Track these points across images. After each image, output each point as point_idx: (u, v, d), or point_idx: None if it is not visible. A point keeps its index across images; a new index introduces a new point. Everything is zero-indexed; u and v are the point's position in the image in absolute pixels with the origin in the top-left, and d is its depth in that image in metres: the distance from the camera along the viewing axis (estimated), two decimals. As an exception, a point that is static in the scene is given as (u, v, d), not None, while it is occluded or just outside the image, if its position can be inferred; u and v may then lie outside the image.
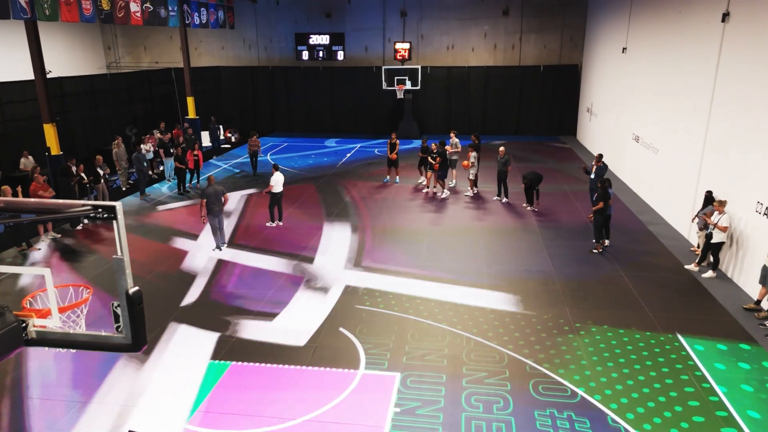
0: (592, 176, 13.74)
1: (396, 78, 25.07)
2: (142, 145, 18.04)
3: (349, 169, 20.16)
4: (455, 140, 16.81)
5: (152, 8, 18.72)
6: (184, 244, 12.84)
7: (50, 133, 14.63)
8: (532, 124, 26.78)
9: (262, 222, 14.16)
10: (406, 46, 25.35)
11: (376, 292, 10.19)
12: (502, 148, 15.75)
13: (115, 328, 3.44)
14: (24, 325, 3.46)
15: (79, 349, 3.43)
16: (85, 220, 14.25)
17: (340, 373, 7.74)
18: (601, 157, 14.00)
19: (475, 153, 16.06)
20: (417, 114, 26.83)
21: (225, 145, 24.81)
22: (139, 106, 23.49)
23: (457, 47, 26.42)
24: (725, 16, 11.27)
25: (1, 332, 3.24)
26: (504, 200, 15.80)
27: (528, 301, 9.83)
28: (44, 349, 7.47)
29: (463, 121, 26.85)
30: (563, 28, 25.44)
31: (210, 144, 23.66)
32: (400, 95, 25.41)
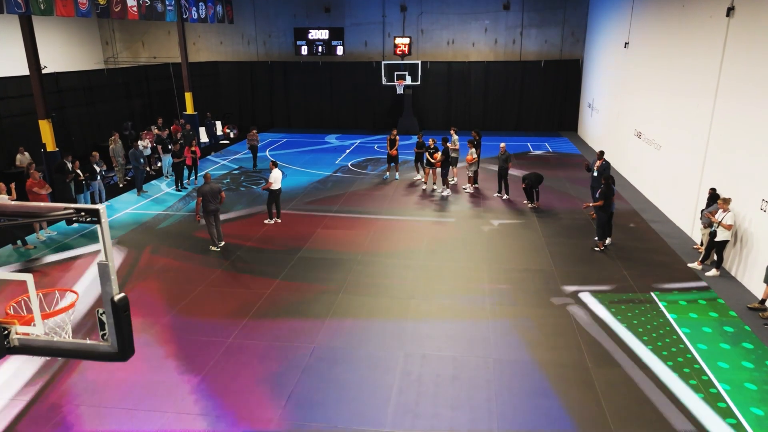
0: (595, 174, 13.52)
1: (396, 73, 24.86)
2: (139, 142, 17.86)
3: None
4: (455, 137, 16.64)
5: (149, 3, 18.52)
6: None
7: (46, 129, 14.47)
8: (532, 119, 26.60)
9: (260, 219, 14.03)
10: (406, 41, 25.13)
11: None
12: (502, 145, 15.61)
13: (100, 336, 3.30)
14: (6, 332, 3.32)
15: (64, 357, 3.26)
16: (82, 218, 14.10)
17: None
18: (602, 154, 13.81)
19: (474, 149, 15.95)
20: (417, 109, 26.64)
21: (223, 141, 24.63)
22: (137, 101, 23.30)
23: (457, 42, 26.21)
24: (730, 10, 11.09)
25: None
26: (504, 197, 15.65)
27: (527, 299, 9.70)
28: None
29: (464, 117, 26.66)
30: (564, 22, 25.22)
31: (207, 140, 23.47)
32: (399, 90, 25.21)
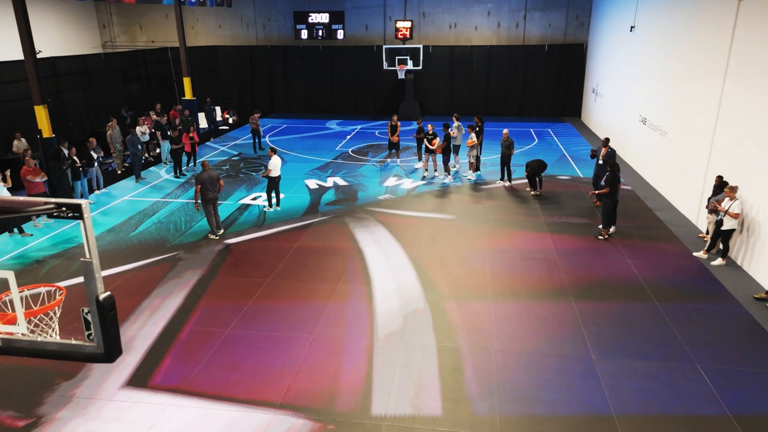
0: (600, 162, 13.27)
1: (397, 57, 24.49)
2: (137, 127, 17.64)
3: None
4: (457, 123, 16.38)
5: (146, -15, 18.16)
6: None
7: (41, 115, 14.23)
8: (535, 105, 26.28)
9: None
10: (408, 24, 24.72)
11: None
12: (505, 131, 15.38)
13: (86, 336, 3.15)
14: (-13, 332, 3.18)
15: (49, 359, 3.12)
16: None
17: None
18: (608, 141, 13.57)
19: (475, 135, 15.73)
20: (418, 95, 26.30)
21: (223, 127, 24.37)
22: (135, 86, 22.98)
23: (459, 26, 25.79)
24: (741, -8, 10.79)
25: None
26: (507, 184, 15.45)
27: (531, 288, 9.56)
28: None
29: (466, 103, 26.33)
30: (569, 5, 24.77)
31: (207, 126, 23.20)
32: (401, 75, 24.85)
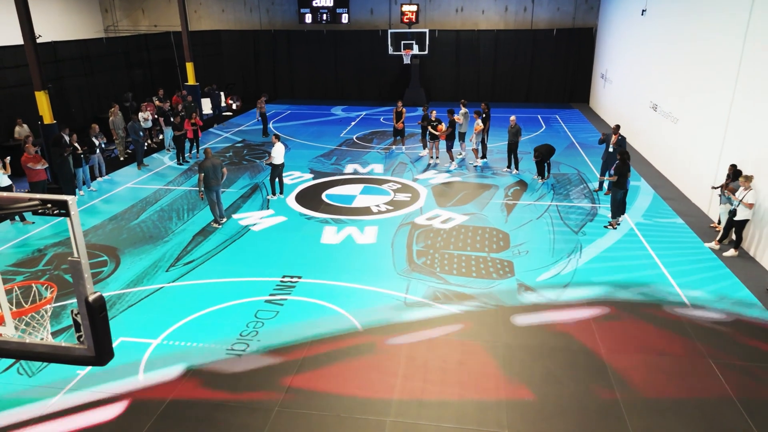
0: (611, 150, 12.95)
1: (403, 42, 24.11)
2: (140, 113, 17.43)
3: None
4: (464, 110, 16.09)
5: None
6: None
7: (42, 100, 14.04)
8: (543, 90, 25.88)
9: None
10: (413, 8, 24.28)
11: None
12: (512, 117, 15.09)
13: (76, 338, 3.00)
14: (-27, 333, 3.03)
15: (37, 361, 2.96)
16: (81, 192, 13.81)
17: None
18: (618, 128, 13.26)
19: (480, 120, 15.44)
20: (424, 80, 25.93)
21: (226, 113, 24.12)
22: (137, 72, 22.72)
23: (466, 10, 25.33)
24: (759, -26, 10.41)
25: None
26: (514, 172, 15.20)
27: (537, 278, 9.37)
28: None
29: (472, 88, 25.95)
30: (578, -12, 24.28)
31: (211, 111, 22.95)
32: (407, 60, 24.48)
